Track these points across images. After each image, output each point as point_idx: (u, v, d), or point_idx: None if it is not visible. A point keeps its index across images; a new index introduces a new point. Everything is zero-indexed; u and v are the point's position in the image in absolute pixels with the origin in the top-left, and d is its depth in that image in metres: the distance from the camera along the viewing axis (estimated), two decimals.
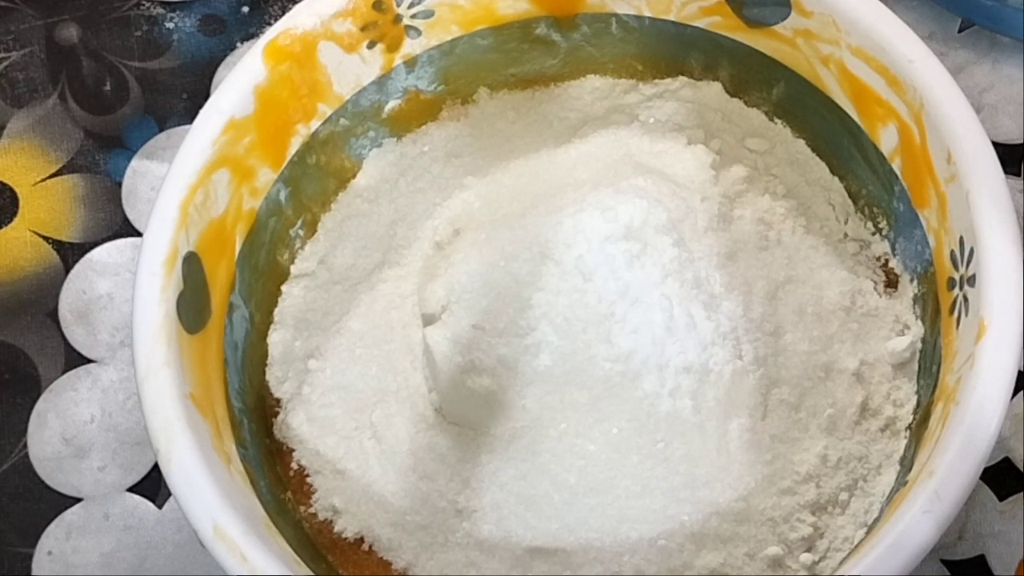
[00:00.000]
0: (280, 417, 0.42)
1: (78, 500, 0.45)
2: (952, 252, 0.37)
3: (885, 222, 0.42)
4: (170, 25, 0.52)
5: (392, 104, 0.44)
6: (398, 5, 0.42)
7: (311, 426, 0.42)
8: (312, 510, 0.41)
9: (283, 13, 0.43)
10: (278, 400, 0.42)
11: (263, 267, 0.42)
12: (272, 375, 0.42)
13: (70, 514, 0.44)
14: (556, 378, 0.39)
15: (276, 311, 0.43)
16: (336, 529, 0.40)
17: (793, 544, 0.38)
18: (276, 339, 0.43)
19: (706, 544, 0.38)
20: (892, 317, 0.41)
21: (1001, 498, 0.43)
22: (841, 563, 0.37)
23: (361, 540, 0.40)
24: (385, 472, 0.40)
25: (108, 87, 0.51)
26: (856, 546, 0.38)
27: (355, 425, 0.41)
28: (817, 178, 0.44)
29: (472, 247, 0.41)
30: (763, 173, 0.44)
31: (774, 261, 0.42)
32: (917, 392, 0.40)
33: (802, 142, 0.44)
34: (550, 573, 0.38)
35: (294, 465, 0.41)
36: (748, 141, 0.45)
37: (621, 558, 0.38)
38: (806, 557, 0.38)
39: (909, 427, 0.40)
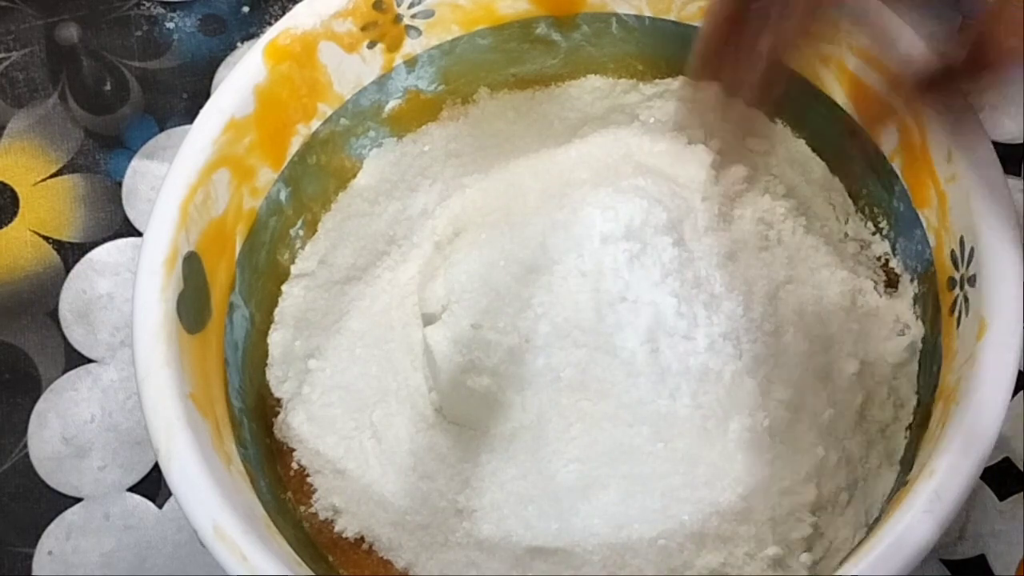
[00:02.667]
0: (280, 417, 0.42)
1: (78, 500, 0.45)
2: (952, 252, 0.37)
3: (885, 222, 0.42)
4: (170, 25, 0.52)
5: (392, 104, 0.44)
6: (398, 5, 0.42)
7: (311, 426, 0.42)
8: (312, 510, 0.41)
9: (283, 13, 0.43)
10: (278, 400, 0.42)
11: (263, 267, 0.42)
12: (272, 375, 0.42)
13: (70, 514, 0.44)
14: (556, 378, 0.39)
15: (276, 311, 0.43)
16: (336, 529, 0.40)
17: (793, 544, 0.38)
18: (276, 339, 0.43)
19: (706, 544, 0.38)
20: (892, 317, 0.41)
21: (1001, 498, 0.43)
22: (841, 563, 0.37)
23: (361, 540, 0.40)
24: (385, 472, 0.40)
25: (108, 87, 0.51)
26: (856, 546, 0.38)
27: (355, 425, 0.41)
28: (817, 178, 0.44)
29: (472, 247, 0.41)
30: (763, 173, 0.44)
31: (774, 261, 0.41)
32: (917, 392, 0.40)
33: (802, 142, 0.44)
34: (550, 573, 0.38)
35: (294, 465, 0.41)
36: (748, 141, 0.44)
37: (621, 558, 0.38)
38: (806, 557, 0.38)
39: (909, 427, 0.40)
